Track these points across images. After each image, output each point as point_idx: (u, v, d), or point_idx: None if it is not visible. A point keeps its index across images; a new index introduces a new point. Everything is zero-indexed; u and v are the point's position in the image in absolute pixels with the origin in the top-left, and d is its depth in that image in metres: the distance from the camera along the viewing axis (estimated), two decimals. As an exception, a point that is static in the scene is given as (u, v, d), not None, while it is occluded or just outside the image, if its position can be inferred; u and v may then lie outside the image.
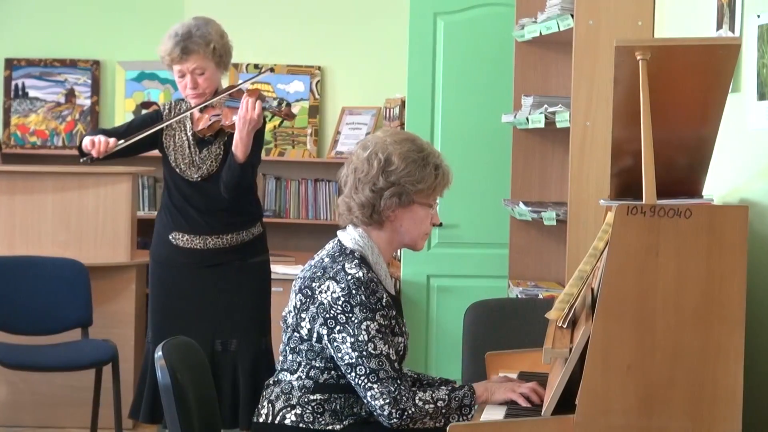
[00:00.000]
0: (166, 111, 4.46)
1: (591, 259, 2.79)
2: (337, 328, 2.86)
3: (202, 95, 4.36)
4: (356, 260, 2.92)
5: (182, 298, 4.39)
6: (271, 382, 3.03)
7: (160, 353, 2.88)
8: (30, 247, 5.53)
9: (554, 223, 4.28)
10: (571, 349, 2.56)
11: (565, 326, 2.72)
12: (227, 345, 4.37)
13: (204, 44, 4.32)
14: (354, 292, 2.85)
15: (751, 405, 2.71)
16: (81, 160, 4.32)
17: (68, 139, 6.77)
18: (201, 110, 4.37)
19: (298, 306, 2.96)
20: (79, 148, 4.36)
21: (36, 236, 5.56)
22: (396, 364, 2.88)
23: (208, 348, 4.29)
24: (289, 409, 2.93)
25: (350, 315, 2.85)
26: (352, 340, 2.84)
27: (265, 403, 2.99)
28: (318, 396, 2.92)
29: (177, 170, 4.38)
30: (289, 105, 4.35)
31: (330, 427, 2.89)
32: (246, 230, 4.41)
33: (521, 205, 4.54)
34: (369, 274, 2.90)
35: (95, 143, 4.24)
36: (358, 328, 2.84)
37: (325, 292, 2.88)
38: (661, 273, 2.45)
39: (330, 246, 3.04)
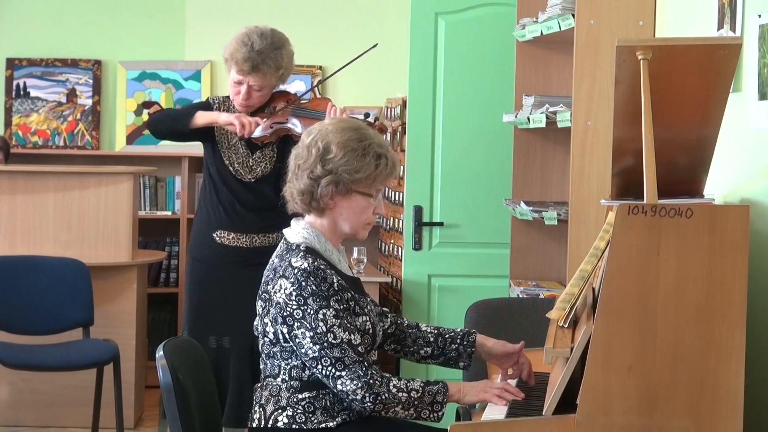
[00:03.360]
0: (216, 105, 4.43)
1: (592, 259, 2.79)
2: (296, 324, 2.85)
3: (249, 107, 4.37)
4: (301, 252, 2.91)
5: (223, 297, 4.36)
6: (259, 386, 3.03)
7: (161, 353, 2.88)
8: (31, 246, 5.53)
9: (555, 222, 4.28)
10: (572, 349, 2.56)
11: (566, 326, 2.72)
12: None
13: (274, 68, 4.31)
14: (304, 283, 2.85)
15: (752, 404, 2.71)
16: (239, 138, 4.31)
17: (69, 139, 6.77)
18: (251, 116, 4.38)
19: (260, 312, 2.97)
20: (187, 127, 4.31)
21: (37, 236, 5.56)
22: (360, 348, 2.86)
23: (247, 347, 4.27)
24: (280, 411, 2.91)
25: (305, 307, 2.84)
26: (311, 333, 2.83)
27: (257, 408, 2.98)
28: (306, 394, 2.91)
29: (230, 169, 4.36)
30: (377, 119, 4.39)
31: (324, 425, 2.88)
32: None
33: (522, 204, 4.54)
34: (315, 263, 2.88)
35: (245, 125, 4.22)
36: (315, 320, 2.83)
37: (279, 291, 2.88)
38: (663, 273, 2.45)
39: (278, 246, 3.04)
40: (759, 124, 3.08)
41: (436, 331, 3.18)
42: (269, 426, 2.92)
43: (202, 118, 4.32)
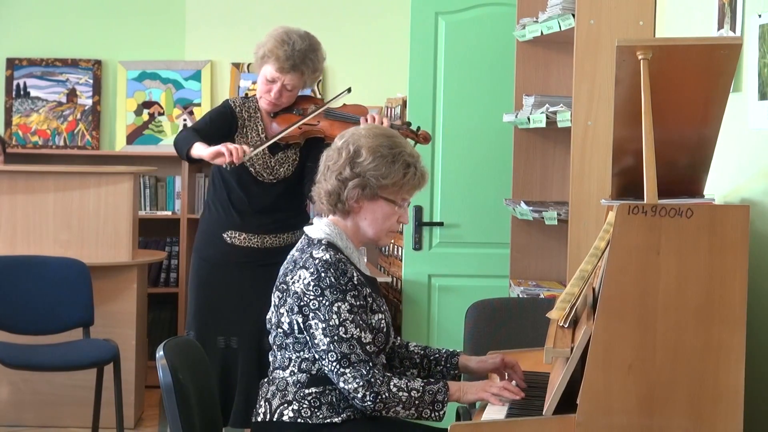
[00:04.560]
0: (237, 108, 4.40)
1: (592, 259, 2.79)
2: (311, 314, 2.89)
3: (278, 106, 4.36)
4: (323, 246, 2.96)
5: (231, 297, 4.35)
6: (265, 381, 3.05)
7: (161, 353, 2.89)
8: (31, 246, 5.53)
9: (555, 222, 4.28)
10: (572, 349, 2.57)
11: (566, 326, 2.72)
12: None
13: (312, 70, 4.33)
14: (323, 274, 2.89)
15: (753, 404, 2.71)
16: (228, 168, 4.16)
17: (70, 139, 6.77)
18: (273, 116, 4.37)
19: (276, 303, 2.99)
20: (188, 156, 4.21)
21: (37, 236, 5.56)
22: (368, 347, 2.89)
23: (255, 347, 4.29)
24: (286, 405, 2.94)
25: (321, 299, 2.87)
26: (323, 325, 2.86)
27: (262, 402, 3.00)
28: (313, 389, 2.93)
29: (251, 170, 4.33)
30: (419, 127, 4.39)
31: (329, 420, 2.91)
32: (301, 230, 4.41)
33: (522, 204, 4.54)
34: (337, 255, 2.93)
35: (233, 152, 4.06)
36: (329, 312, 2.86)
37: (298, 281, 2.92)
38: (663, 272, 2.45)
39: (299, 242, 3.08)
40: (759, 124, 3.08)
41: (422, 352, 3.20)
42: (274, 420, 2.95)
43: (194, 152, 4.19)
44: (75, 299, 5.26)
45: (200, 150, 4.17)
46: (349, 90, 4.47)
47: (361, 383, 2.84)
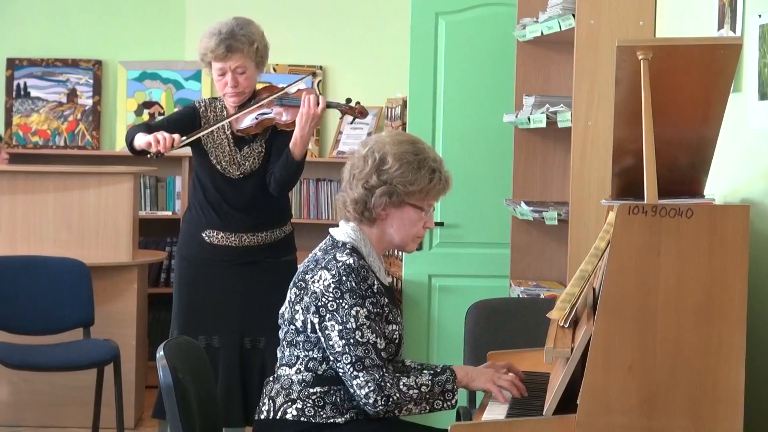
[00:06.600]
0: (203, 108, 4.45)
1: (593, 259, 2.79)
2: (327, 315, 2.90)
3: (241, 94, 4.37)
4: (347, 250, 2.99)
5: (212, 296, 4.39)
6: (270, 379, 3.07)
7: (161, 353, 2.89)
8: (32, 246, 5.53)
9: (556, 222, 4.28)
10: (572, 349, 2.57)
11: (566, 326, 2.72)
12: (256, 342, 4.37)
13: (248, 43, 4.33)
14: (345, 278, 2.91)
15: (753, 404, 2.71)
16: (148, 156, 4.23)
17: (70, 139, 6.78)
18: (239, 109, 4.39)
19: (292, 299, 3.01)
20: (131, 147, 4.28)
21: (38, 236, 5.56)
22: (383, 353, 2.91)
23: (236, 346, 4.34)
24: (289, 403, 2.96)
25: (340, 301, 2.89)
26: (340, 327, 2.88)
27: (266, 400, 3.02)
28: (318, 389, 2.95)
29: (218, 167, 4.37)
30: (358, 102, 4.40)
31: (332, 421, 2.93)
32: (279, 228, 4.44)
33: (523, 204, 4.54)
34: (360, 261, 2.96)
35: (160, 141, 4.15)
36: (347, 315, 2.88)
37: (318, 281, 2.94)
38: (663, 272, 2.45)
39: (323, 242, 3.10)
40: (759, 124, 3.07)
41: (419, 368, 3.18)
42: (277, 417, 2.97)
43: (136, 142, 4.27)
44: (75, 299, 5.26)
45: (139, 140, 4.24)
46: (314, 74, 4.49)
47: (372, 387, 2.85)
